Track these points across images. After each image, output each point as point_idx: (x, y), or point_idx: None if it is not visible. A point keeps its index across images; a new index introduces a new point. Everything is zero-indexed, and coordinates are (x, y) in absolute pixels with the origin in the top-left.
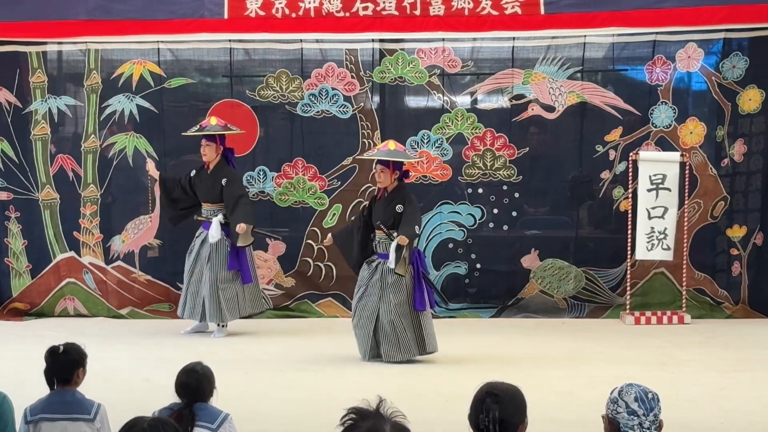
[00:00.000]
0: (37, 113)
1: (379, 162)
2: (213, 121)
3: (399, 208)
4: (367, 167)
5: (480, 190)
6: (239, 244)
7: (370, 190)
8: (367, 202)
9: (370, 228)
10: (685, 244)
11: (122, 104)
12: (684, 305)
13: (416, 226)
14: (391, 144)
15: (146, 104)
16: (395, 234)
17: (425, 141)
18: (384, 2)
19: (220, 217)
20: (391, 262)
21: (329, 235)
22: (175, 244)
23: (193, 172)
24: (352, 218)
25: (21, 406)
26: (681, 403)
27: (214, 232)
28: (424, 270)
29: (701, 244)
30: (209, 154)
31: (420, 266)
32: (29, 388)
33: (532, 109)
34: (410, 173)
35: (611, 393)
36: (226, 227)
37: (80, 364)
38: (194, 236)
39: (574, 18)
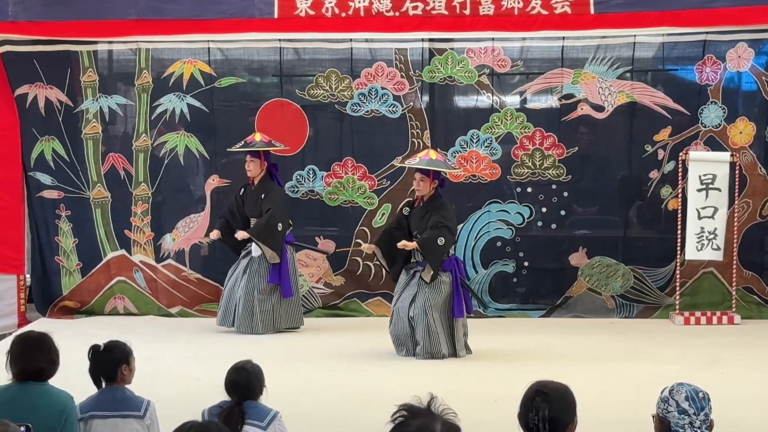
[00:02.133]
0: (88, 112)
1: (419, 171)
2: (258, 137)
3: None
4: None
5: (529, 189)
6: (270, 262)
7: (411, 189)
8: (406, 207)
9: (406, 232)
10: (734, 244)
11: (173, 103)
12: (734, 305)
13: (439, 237)
14: (432, 153)
15: (197, 103)
16: None
17: (474, 140)
18: (434, 2)
19: None
20: (425, 274)
21: (373, 246)
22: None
23: (241, 191)
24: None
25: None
26: (728, 403)
27: (257, 247)
28: (462, 276)
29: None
30: (253, 169)
31: (458, 273)
32: (78, 385)
33: (582, 109)
34: (446, 183)
35: (662, 392)
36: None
37: (123, 361)
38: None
39: (624, 18)
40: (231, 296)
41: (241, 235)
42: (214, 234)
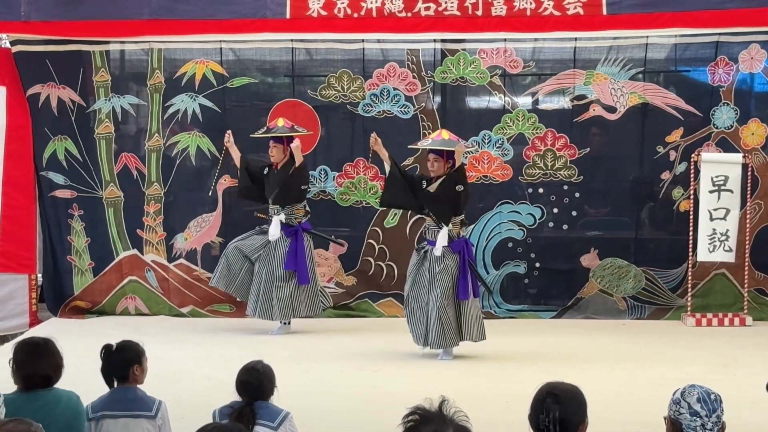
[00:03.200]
0: (101, 112)
1: (432, 151)
2: (280, 122)
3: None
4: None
5: (540, 190)
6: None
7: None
8: (425, 181)
9: (417, 187)
10: (746, 245)
11: (185, 103)
12: (745, 307)
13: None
14: (444, 133)
15: (209, 103)
16: (442, 224)
17: (486, 141)
18: (446, 2)
19: (282, 216)
20: (437, 250)
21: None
22: None
23: (266, 169)
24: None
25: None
26: (742, 404)
27: (274, 230)
28: (470, 259)
29: (762, 245)
30: (276, 155)
31: (467, 255)
32: (90, 385)
33: (594, 110)
34: (463, 164)
35: (674, 394)
36: (287, 227)
37: (135, 361)
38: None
39: (637, 19)
40: (239, 267)
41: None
42: (229, 139)
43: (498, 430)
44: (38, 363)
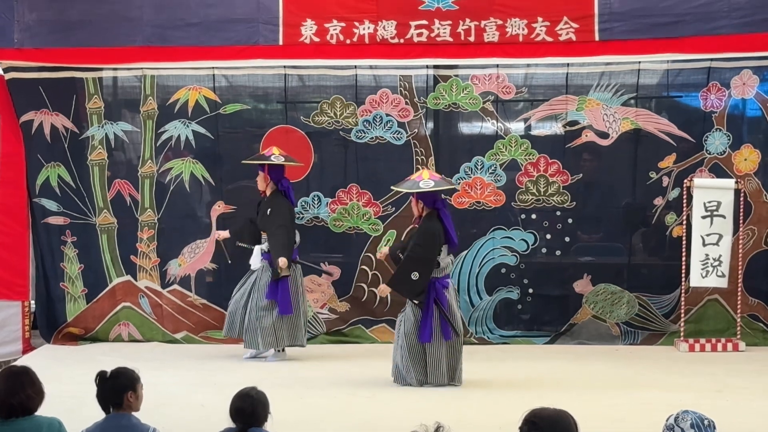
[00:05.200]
0: (94, 138)
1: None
2: (275, 151)
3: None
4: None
5: (533, 216)
6: (280, 275)
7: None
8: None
9: None
10: (739, 271)
11: (178, 130)
12: (738, 332)
13: (413, 272)
14: (425, 173)
15: (202, 130)
16: None
17: (479, 167)
18: (438, 29)
19: (264, 245)
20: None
21: (384, 249)
22: (231, 269)
23: (259, 203)
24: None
25: (75, 430)
26: (737, 430)
27: (255, 259)
28: (442, 300)
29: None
30: (260, 183)
31: (437, 296)
32: (84, 411)
33: (586, 136)
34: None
35: (667, 420)
36: (268, 254)
37: (129, 388)
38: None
39: (629, 44)
40: (236, 308)
41: (282, 262)
42: (224, 233)
43: None
44: (17, 392)
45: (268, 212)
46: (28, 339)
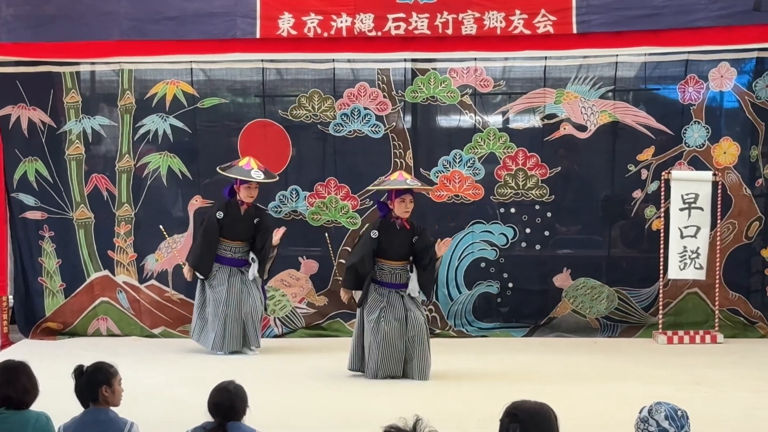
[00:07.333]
0: (72, 133)
1: (410, 192)
2: (254, 164)
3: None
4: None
5: (512, 210)
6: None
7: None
8: (375, 231)
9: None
10: (717, 264)
11: (156, 124)
12: (717, 325)
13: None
14: (405, 173)
15: (179, 124)
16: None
17: (457, 160)
18: (416, 22)
19: (253, 255)
20: (413, 291)
21: (348, 292)
22: None
23: (219, 215)
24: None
25: (54, 425)
26: (716, 422)
27: (252, 271)
28: None
29: (736, 265)
30: (255, 196)
31: None
32: (62, 406)
33: (564, 129)
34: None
35: (640, 412)
36: (239, 261)
37: (104, 382)
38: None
39: (606, 37)
40: (236, 318)
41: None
42: (188, 275)
43: None
44: (11, 385)
45: (255, 222)
46: (7, 334)
